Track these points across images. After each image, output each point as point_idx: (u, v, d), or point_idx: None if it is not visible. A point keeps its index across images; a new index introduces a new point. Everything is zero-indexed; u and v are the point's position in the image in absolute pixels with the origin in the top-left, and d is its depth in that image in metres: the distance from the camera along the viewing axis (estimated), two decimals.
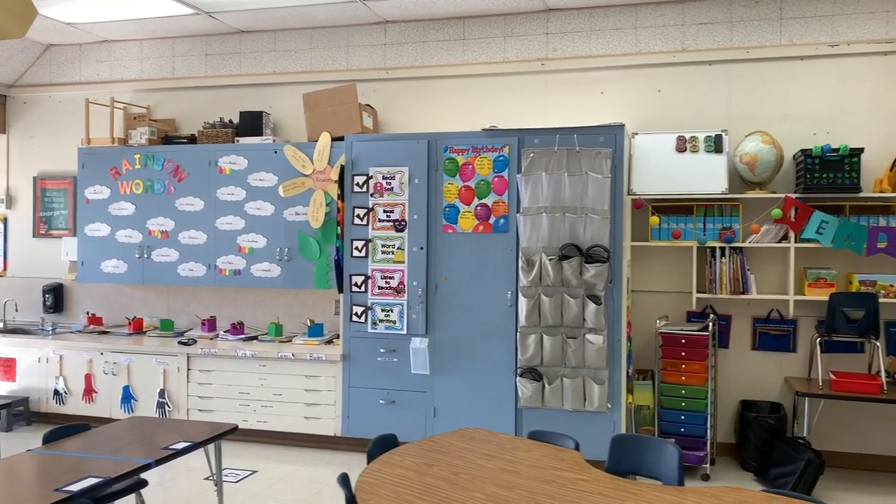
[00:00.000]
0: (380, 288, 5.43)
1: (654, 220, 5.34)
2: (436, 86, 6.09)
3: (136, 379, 5.99)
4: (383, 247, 5.43)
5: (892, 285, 5.02)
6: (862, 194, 4.98)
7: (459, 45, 6.01)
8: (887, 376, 4.91)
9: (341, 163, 5.66)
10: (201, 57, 6.65)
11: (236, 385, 5.75)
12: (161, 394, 5.90)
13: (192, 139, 6.33)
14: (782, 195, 5.14)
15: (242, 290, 6.45)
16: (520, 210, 5.06)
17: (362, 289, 5.47)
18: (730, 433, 5.45)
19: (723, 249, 5.25)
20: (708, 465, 5.04)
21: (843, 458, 5.19)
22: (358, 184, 5.50)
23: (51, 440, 3.47)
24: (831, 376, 4.92)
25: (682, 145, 5.34)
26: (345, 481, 2.97)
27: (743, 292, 5.22)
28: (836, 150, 4.97)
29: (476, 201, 5.23)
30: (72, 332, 6.54)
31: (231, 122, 6.31)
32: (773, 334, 5.39)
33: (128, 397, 5.99)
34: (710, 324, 5.10)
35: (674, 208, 5.40)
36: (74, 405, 6.13)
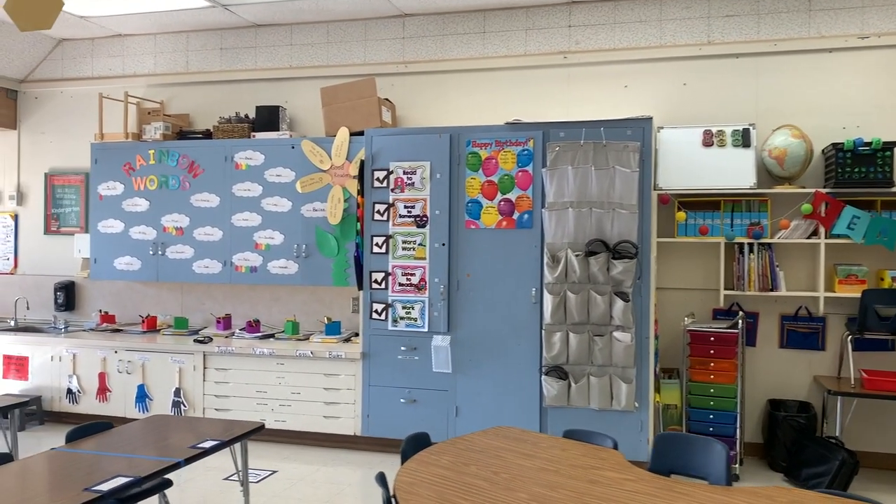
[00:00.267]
0: (400, 285, 5.33)
1: (680, 215, 5.24)
2: (455, 80, 5.99)
3: (150, 378, 5.89)
4: (404, 243, 5.33)
5: None
6: (895, 189, 4.88)
7: (479, 38, 5.91)
8: None
9: (361, 158, 5.57)
10: (216, 51, 6.56)
11: (254, 384, 5.65)
12: (176, 393, 5.80)
13: (208, 134, 6.23)
14: (812, 190, 5.04)
15: (258, 287, 6.36)
16: (545, 205, 4.96)
17: (382, 286, 5.38)
18: (757, 433, 5.34)
19: (751, 245, 5.15)
20: (737, 466, 4.93)
21: (877, 459, 5.08)
22: (378, 179, 5.40)
23: (73, 439, 3.38)
24: (863, 375, 4.82)
25: (709, 139, 5.24)
26: (383, 480, 2.87)
27: (772, 289, 5.12)
28: (869, 143, 4.87)
29: (499, 196, 5.13)
30: (84, 331, 6.44)
31: (247, 116, 6.21)
32: (802, 332, 5.29)
33: (142, 396, 5.89)
34: (739, 321, 4.99)
35: (700, 204, 5.30)
36: (88, 404, 6.03)
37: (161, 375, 5.86)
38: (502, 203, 5.12)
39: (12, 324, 6.77)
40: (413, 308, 5.30)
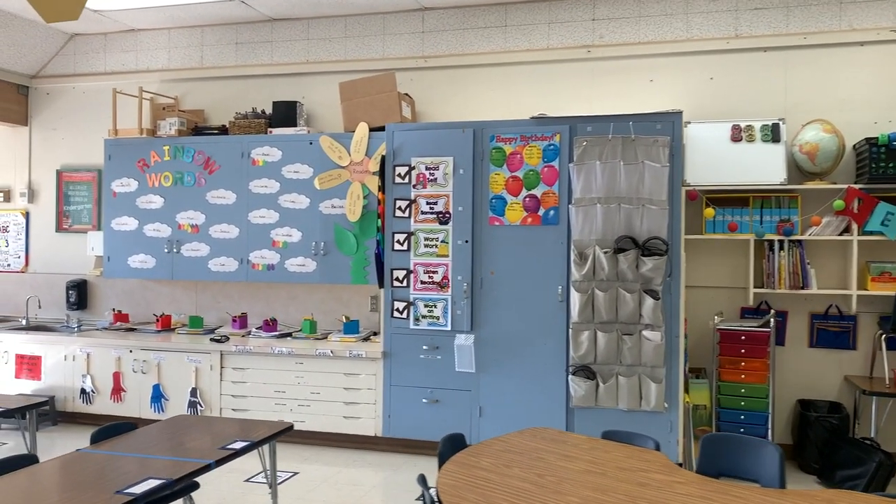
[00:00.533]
0: (422, 283, 5.23)
1: (709, 211, 5.13)
2: (476, 75, 5.89)
3: (166, 377, 5.79)
4: (426, 240, 5.23)
5: None
6: None
7: (501, 32, 5.81)
8: None
9: (381, 153, 5.46)
10: (231, 46, 6.45)
11: (272, 383, 5.55)
12: (193, 393, 5.70)
13: (224, 130, 6.13)
14: (844, 186, 4.93)
15: (274, 285, 6.25)
16: (571, 201, 4.86)
17: (404, 283, 5.27)
18: (786, 434, 5.23)
19: (781, 242, 5.05)
20: None
21: None
22: (399, 175, 5.30)
23: (98, 440, 3.28)
24: None
25: (738, 135, 5.14)
26: (424, 482, 2.77)
27: (803, 287, 5.01)
28: None
29: (524, 192, 5.02)
30: (97, 330, 6.34)
31: (263, 112, 6.11)
32: (832, 331, 5.18)
33: (158, 396, 5.79)
34: (771, 320, 4.89)
35: (728, 200, 5.19)
36: (102, 404, 5.93)
37: (177, 375, 5.75)
38: (527, 199, 5.01)
39: (24, 323, 6.67)
40: (435, 306, 5.19)
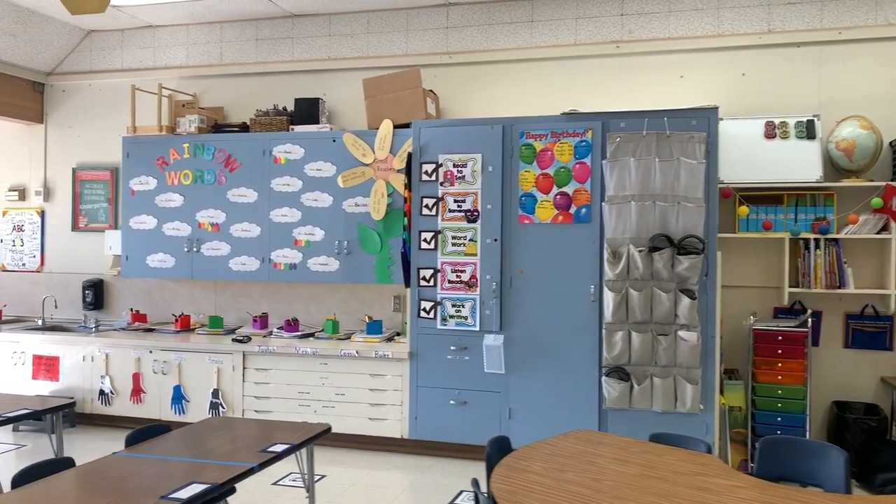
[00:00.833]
0: (450, 282, 5.13)
1: (742, 209, 5.03)
2: (501, 71, 5.79)
3: (187, 378, 5.69)
4: (454, 238, 5.13)
5: None
6: None
7: (527, 27, 5.72)
8: None
9: (407, 150, 5.37)
10: (251, 42, 6.36)
11: (295, 384, 5.45)
12: (215, 394, 5.60)
13: (245, 127, 6.04)
14: (882, 183, 4.83)
15: (295, 285, 6.16)
16: (605, 198, 4.76)
17: (431, 283, 5.18)
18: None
19: (817, 241, 4.95)
20: None
21: None
22: (426, 172, 5.20)
23: (133, 442, 3.18)
24: None
25: (772, 131, 5.05)
26: (479, 486, 2.67)
27: (839, 286, 4.92)
28: None
29: (555, 190, 4.93)
30: (115, 330, 6.25)
31: (285, 109, 6.02)
32: (869, 331, 5.08)
33: (179, 397, 5.69)
34: (808, 320, 4.79)
35: (762, 198, 5.10)
36: (121, 406, 5.83)
37: (198, 376, 5.66)
38: (558, 197, 4.92)
39: (40, 323, 6.58)
40: (463, 306, 5.10)
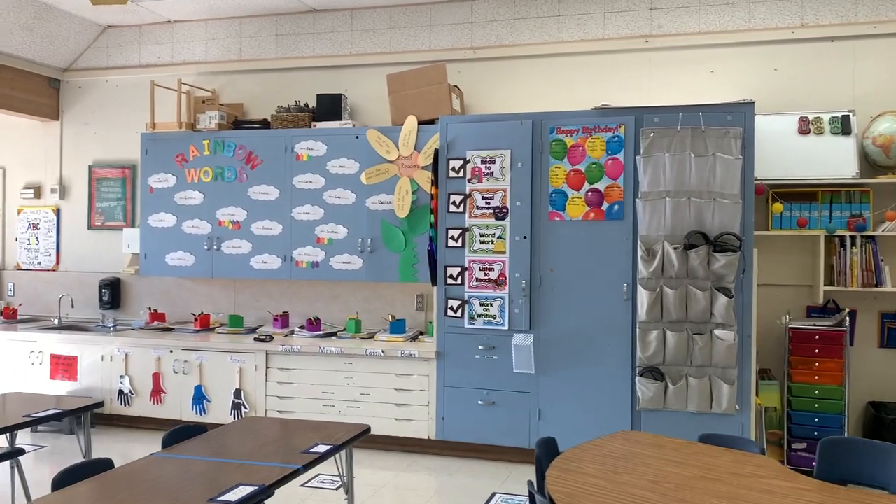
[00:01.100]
0: (478, 280, 5.04)
1: (776, 206, 4.95)
2: (527, 66, 5.71)
3: (208, 378, 5.60)
4: (482, 236, 5.04)
5: None
6: None
7: (554, 21, 5.63)
8: None
9: (434, 146, 5.29)
10: (271, 38, 6.28)
11: (319, 384, 5.36)
12: (237, 394, 5.51)
13: (266, 124, 5.95)
14: None
15: (315, 283, 6.07)
16: (638, 195, 4.67)
17: (458, 281, 5.09)
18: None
19: (853, 238, 4.86)
20: None
21: None
22: (454, 168, 5.11)
23: (170, 443, 3.09)
24: None
25: (805, 127, 4.97)
26: (535, 488, 2.58)
27: (876, 285, 4.82)
28: None
29: (587, 186, 4.84)
30: (133, 329, 6.15)
31: (307, 105, 5.93)
32: None
33: (200, 398, 5.60)
34: (846, 319, 4.70)
35: (795, 195, 5.01)
36: (141, 406, 5.74)
37: (220, 376, 5.57)
38: (590, 193, 4.83)
39: (56, 322, 6.49)
40: (491, 305, 5.01)
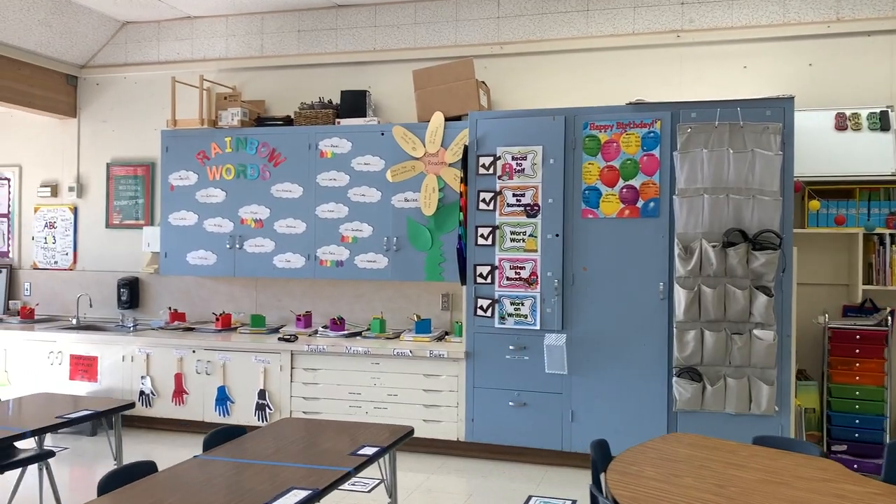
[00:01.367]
0: (508, 279, 4.95)
1: (813, 204, 4.86)
2: (555, 61, 5.62)
3: (232, 378, 5.51)
4: (512, 234, 4.95)
5: None
6: None
7: (582, 16, 5.54)
8: None
9: (462, 143, 5.21)
10: (293, 34, 6.19)
11: (346, 384, 5.27)
12: (261, 395, 5.42)
13: (289, 121, 5.86)
14: None
15: (338, 283, 5.98)
16: (675, 192, 4.58)
17: (488, 280, 5.00)
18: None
19: (892, 236, 4.77)
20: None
21: None
22: (483, 165, 5.03)
23: (211, 446, 3.00)
24: None
25: (843, 123, 4.87)
26: (601, 492, 2.49)
27: None
28: None
29: (621, 183, 4.75)
30: (153, 329, 6.06)
31: (331, 102, 5.84)
32: None
33: (223, 398, 5.51)
34: (887, 318, 4.61)
35: (832, 192, 4.92)
36: (163, 407, 5.65)
37: (243, 376, 5.48)
38: (624, 190, 4.74)
39: (74, 322, 6.40)
40: (523, 304, 4.92)
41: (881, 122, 4.81)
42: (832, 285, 5.07)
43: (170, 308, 6.29)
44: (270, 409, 5.41)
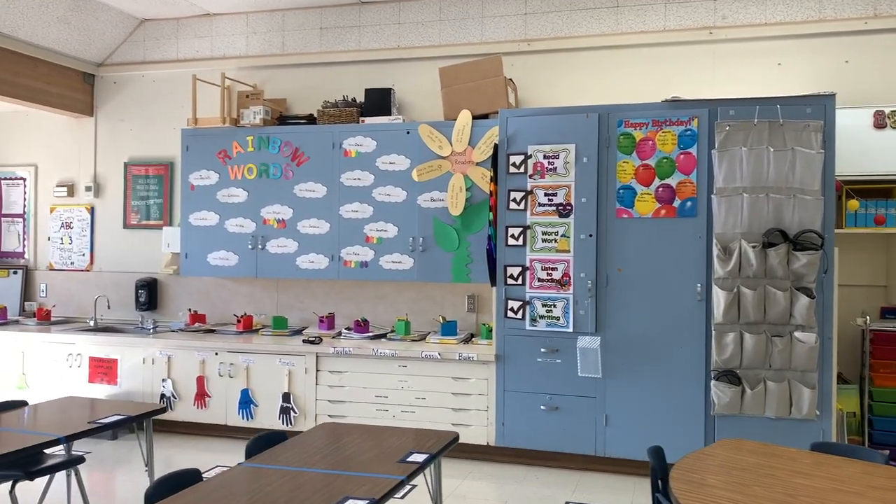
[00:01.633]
0: (540, 280, 4.85)
1: (852, 203, 4.75)
2: (584, 59, 5.52)
3: (255, 381, 5.41)
4: (544, 234, 4.85)
5: None
6: None
7: (612, 13, 5.45)
8: None
9: (489, 141, 5.11)
10: (315, 31, 6.09)
11: (372, 388, 5.17)
12: (285, 398, 5.33)
13: (311, 119, 5.77)
14: None
15: (361, 283, 5.88)
16: (713, 191, 4.48)
17: (519, 281, 4.90)
18: None
19: None
20: None
21: None
22: (514, 164, 4.93)
23: (254, 452, 2.90)
24: None
25: (881, 121, 4.77)
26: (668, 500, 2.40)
27: None
28: None
29: (657, 182, 4.65)
30: (173, 331, 5.97)
31: (354, 100, 5.75)
32: None
33: (247, 402, 5.41)
34: None
35: (870, 191, 4.81)
36: (185, 410, 5.55)
37: (267, 379, 5.38)
38: (660, 189, 4.64)
39: (91, 324, 6.30)
40: (555, 306, 4.82)
41: None
42: (870, 286, 4.97)
43: (189, 309, 6.19)
44: (295, 413, 5.31)
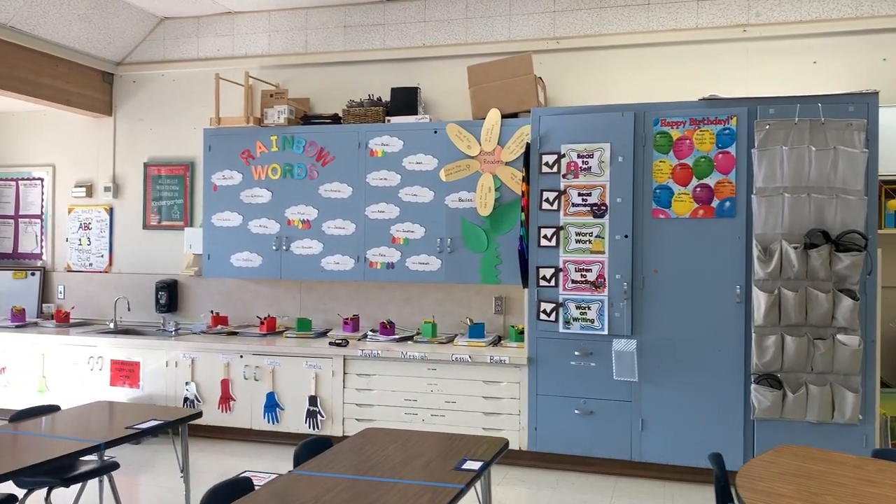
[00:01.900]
0: (574, 282, 4.77)
1: (892, 203, 4.67)
2: (614, 57, 5.44)
3: (281, 384, 5.33)
4: (578, 235, 4.77)
5: None
6: None
7: (643, 10, 5.37)
8: None
9: (520, 140, 5.04)
10: (339, 29, 6.02)
11: (401, 391, 5.09)
12: (312, 401, 5.24)
13: (336, 119, 5.69)
14: None
15: (386, 285, 5.79)
16: (753, 191, 4.40)
17: (551, 283, 4.82)
18: None
19: None
20: None
21: None
22: (547, 163, 4.85)
23: (302, 459, 2.82)
24: None
25: None
26: None
27: None
28: None
29: (694, 181, 4.57)
30: (195, 334, 5.89)
31: (380, 99, 5.67)
32: None
33: (272, 405, 5.33)
34: None
35: None
36: (209, 414, 5.45)
37: (293, 382, 5.30)
38: (698, 189, 4.56)
39: (111, 326, 6.23)
40: (589, 308, 4.74)
41: None
42: None
43: (211, 311, 6.11)
44: (322, 417, 5.23)
